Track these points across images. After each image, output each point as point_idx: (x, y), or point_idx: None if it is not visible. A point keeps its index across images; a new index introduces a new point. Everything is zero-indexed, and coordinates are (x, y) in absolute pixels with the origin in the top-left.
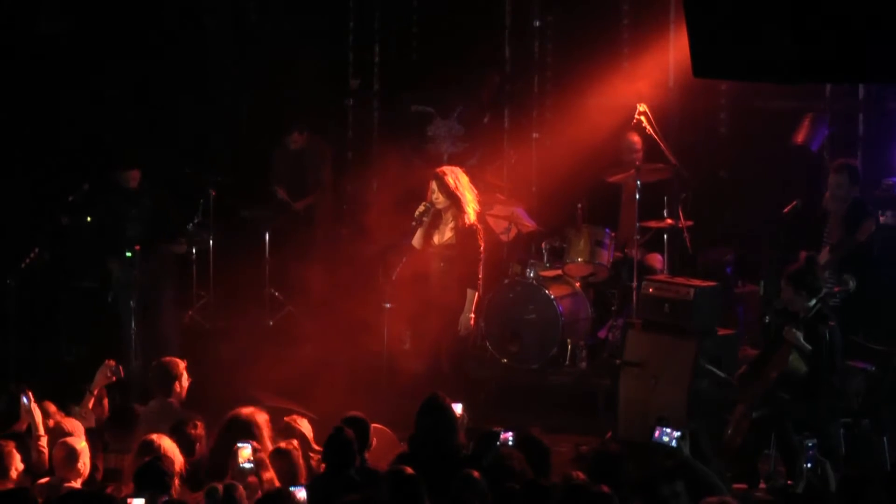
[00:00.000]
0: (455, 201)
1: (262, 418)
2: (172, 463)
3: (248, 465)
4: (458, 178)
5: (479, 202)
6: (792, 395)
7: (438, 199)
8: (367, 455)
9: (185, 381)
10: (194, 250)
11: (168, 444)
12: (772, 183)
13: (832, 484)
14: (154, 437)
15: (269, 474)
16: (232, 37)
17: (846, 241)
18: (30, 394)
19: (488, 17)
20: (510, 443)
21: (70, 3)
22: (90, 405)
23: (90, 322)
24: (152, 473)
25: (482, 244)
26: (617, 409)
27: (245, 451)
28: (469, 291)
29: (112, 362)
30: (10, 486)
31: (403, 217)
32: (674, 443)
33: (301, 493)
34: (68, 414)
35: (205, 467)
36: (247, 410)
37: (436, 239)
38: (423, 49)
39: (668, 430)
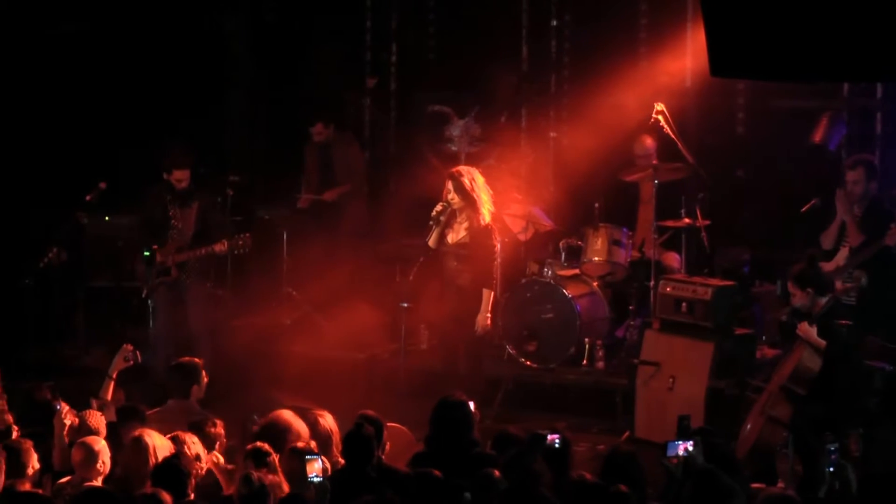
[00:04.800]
0: (470, 201)
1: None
2: (192, 463)
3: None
4: (473, 179)
5: (495, 202)
6: (807, 393)
7: (454, 198)
8: (383, 455)
9: (204, 381)
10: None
11: (161, 443)
12: (789, 182)
13: (854, 487)
14: (143, 432)
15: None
16: (249, 36)
17: (871, 243)
18: (64, 405)
19: (506, 17)
20: (556, 445)
21: (87, 3)
22: (110, 391)
23: (108, 322)
24: (170, 473)
25: (497, 244)
26: (634, 408)
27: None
28: (485, 291)
29: (130, 346)
30: (27, 484)
31: (420, 216)
32: (688, 452)
33: (318, 463)
34: (88, 407)
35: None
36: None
37: (450, 238)
38: (440, 48)
39: (678, 444)
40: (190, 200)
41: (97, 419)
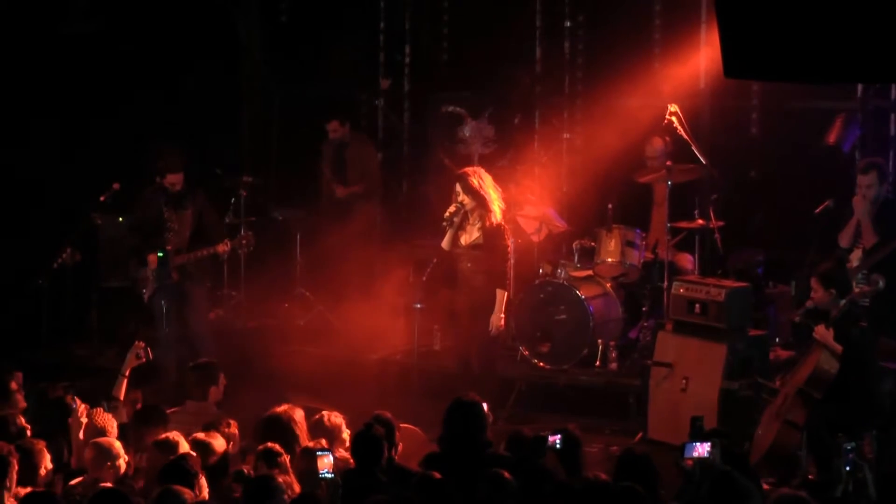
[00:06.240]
0: (480, 201)
1: (298, 415)
2: (199, 461)
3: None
4: (481, 178)
5: (507, 202)
6: (823, 396)
7: (465, 200)
8: (395, 455)
9: (222, 383)
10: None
11: (185, 443)
12: (803, 183)
13: (871, 488)
14: (171, 434)
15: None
16: (262, 37)
17: (883, 244)
18: (80, 405)
19: (519, 18)
20: (557, 446)
21: (100, 3)
22: (122, 389)
23: (122, 322)
24: (178, 471)
25: (509, 243)
26: (647, 409)
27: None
28: (498, 291)
29: (142, 343)
30: (38, 485)
31: (433, 218)
32: (707, 454)
33: (328, 458)
34: (97, 407)
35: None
36: (282, 409)
37: (463, 240)
38: (453, 49)
39: (696, 445)
40: (185, 202)
41: (104, 418)
